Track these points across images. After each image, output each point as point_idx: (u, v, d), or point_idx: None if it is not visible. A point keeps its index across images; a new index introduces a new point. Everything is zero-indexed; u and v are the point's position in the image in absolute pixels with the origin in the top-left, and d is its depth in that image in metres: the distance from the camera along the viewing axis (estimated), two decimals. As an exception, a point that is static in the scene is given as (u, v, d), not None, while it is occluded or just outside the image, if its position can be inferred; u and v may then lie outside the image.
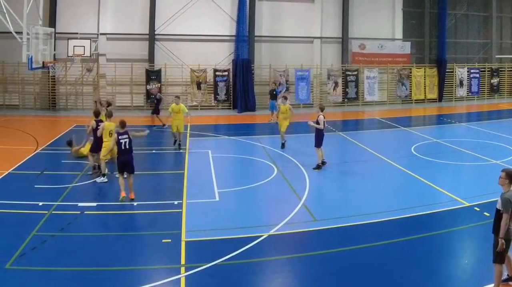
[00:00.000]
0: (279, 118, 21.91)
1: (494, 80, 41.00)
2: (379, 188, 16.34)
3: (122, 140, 14.44)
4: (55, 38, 30.11)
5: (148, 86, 32.56)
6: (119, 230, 12.63)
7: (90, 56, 31.49)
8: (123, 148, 14.47)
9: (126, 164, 14.58)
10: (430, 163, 19.38)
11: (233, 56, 34.04)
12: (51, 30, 28.84)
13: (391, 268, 10.42)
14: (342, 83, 36.19)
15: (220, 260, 10.54)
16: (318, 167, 18.29)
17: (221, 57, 34.23)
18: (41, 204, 13.90)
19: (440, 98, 38.96)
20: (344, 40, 36.77)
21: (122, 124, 14.68)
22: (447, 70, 39.03)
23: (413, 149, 21.61)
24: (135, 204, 14.17)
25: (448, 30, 39.47)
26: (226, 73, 33.91)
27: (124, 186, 14.44)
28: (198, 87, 33.70)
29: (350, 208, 14.19)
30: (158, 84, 32.77)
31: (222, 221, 13.12)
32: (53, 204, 13.99)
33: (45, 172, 17.42)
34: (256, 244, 11.52)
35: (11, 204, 13.79)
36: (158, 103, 27.96)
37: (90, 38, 31.65)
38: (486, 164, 18.92)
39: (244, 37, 33.68)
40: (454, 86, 39.67)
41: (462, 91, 39.89)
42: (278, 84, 33.41)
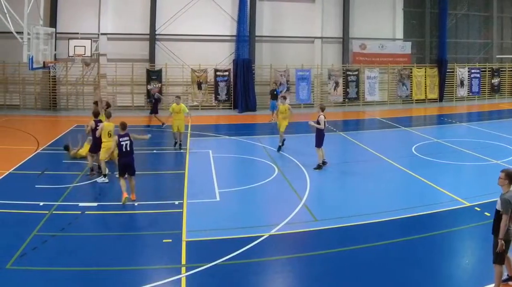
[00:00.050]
0: (278, 118, 21.62)
1: (495, 80, 41.00)
2: (380, 188, 16.34)
3: (123, 142, 14.30)
4: (56, 38, 30.13)
5: (149, 86, 32.55)
6: (120, 230, 12.63)
7: (91, 56, 31.49)
8: (124, 150, 14.33)
9: (127, 166, 14.46)
10: (430, 163, 19.37)
11: (233, 56, 34.05)
12: (52, 30, 28.85)
13: (392, 268, 10.42)
14: (342, 83, 36.20)
15: (220, 260, 10.54)
16: (319, 167, 18.29)
17: (221, 57, 34.23)
18: (41, 204, 13.90)
19: (440, 98, 38.97)
20: (344, 40, 36.77)
21: (122, 126, 14.53)
22: (448, 70, 39.02)
23: (413, 149, 21.61)
24: (136, 204, 14.17)
25: (448, 30, 39.45)
26: (226, 73, 33.91)
27: (125, 187, 14.32)
28: (199, 87, 33.71)
29: (351, 208, 14.19)
30: (159, 84, 32.78)
31: (223, 221, 13.12)
32: (53, 204, 13.99)
33: (45, 172, 17.42)
34: (256, 244, 11.51)
35: (12, 204, 13.79)
36: (156, 103, 27.84)
37: (90, 38, 31.64)
38: (486, 164, 18.91)
39: (244, 37, 33.68)
40: (454, 86, 39.67)
41: (463, 91, 39.89)
42: (278, 84, 33.45)
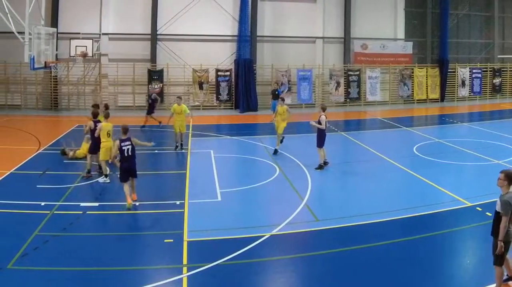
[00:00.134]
0: (277, 120, 20.97)
1: (496, 80, 40.98)
2: (381, 188, 16.34)
3: (124, 147, 14.06)
4: (57, 38, 30.16)
5: (150, 86, 32.55)
6: (121, 230, 12.64)
7: (92, 56, 31.50)
8: (126, 154, 14.09)
9: (130, 170, 14.22)
10: (432, 162, 19.36)
11: (235, 56, 34.05)
12: (53, 30, 28.90)
13: (393, 268, 10.42)
14: (344, 83, 36.19)
15: (222, 260, 10.55)
16: (320, 167, 18.28)
17: (223, 57, 34.24)
18: (43, 204, 13.91)
19: (442, 98, 38.96)
20: (346, 40, 36.77)
21: (124, 130, 14.29)
22: (449, 70, 39.00)
23: (415, 149, 21.60)
24: (137, 204, 14.17)
25: (450, 30, 39.46)
26: (228, 73, 33.91)
27: (129, 193, 14.10)
28: (200, 87, 33.72)
29: (352, 208, 14.20)
30: (161, 84, 32.79)
31: (224, 221, 13.13)
32: (55, 204, 14.01)
33: (47, 172, 17.43)
34: (258, 244, 11.51)
35: (13, 204, 13.80)
36: (153, 104, 27.37)
37: (92, 38, 31.62)
38: (488, 164, 18.90)
39: (246, 37, 33.68)
40: (456, 86, 39.66)
41: (464, 91, 39.88)
42: (280, 84, 33.50)
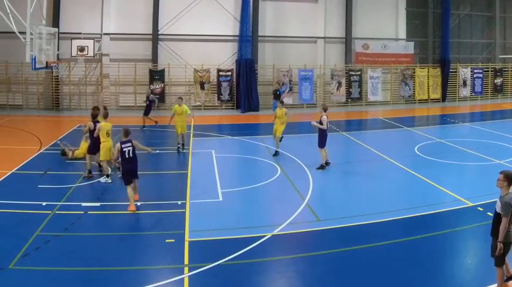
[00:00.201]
0: (276, 123, 20.56)
1: (498, 80, 40.94)
2: (383, 188, 16.33)
3: (125, 148, 13.93)
4: (59, 38, 30.13)
5: (151, 86, 32.54)
6: (123, 230, 12.64)
7: (93, 56, 31.52)
8: (127, 156, 13.94)
9: (132, 172, 14.08)
10: (433, 162, 19.35)
11: (236, 56, 34.07)
12: (55, 30, 28.90)
13: (395, 268, 10.41)
14: (345, 83, 36.17)
15: (223, 260, 10.55)
16: (322, 167, 18.28)
17: (224, 57, 34.24)
18: (44, 204, 13.92)
19: (443, 98, 38.94)
20: (347, 40, 36.76)
21: (125, 133, 14.19)
22: (451, 70, 38.98)
23: (416, 149, 21.59)
24: (139, 204, 14.15)
25: (451, 30, 39.45)
26: (229, 73, 33.93)
27: (133, 198, 13.98)
28: (202, 87, 33.72)
29: (354, 208, 14.19)
30: (162, 84, 32.82)
31: (226, 221, 13.13)
32: (56, 204, 14.02)
33: (48, 172, 17.44)
34: (259, 244, 11.52)
35: (15, 204, 13.81)
36: (150, 105, 27.16)
37: (93, 38, 31.65)
38: (489, 164, 18.88)
39: (247, 37, 33.68)
40: (457, 86, 39.62)
41: (466, 91, 39.84)
42: (281, 84, 33.52)
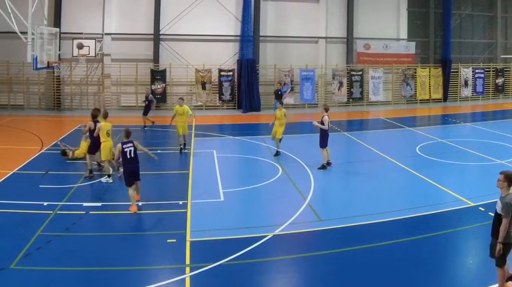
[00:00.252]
0: (275, 124, 20.27)
1: (499, 80, 40.90)
2: (384, 188, 16.33)
3: (126, 149, 13.88)
4: (60, 38, 30.14)
5: (152, 86, 32.57)
6: (124, 230, 12.64)
7: (95, 56, 31.54)
8: (129, 156, 13.90)
9: (134, 173, 14.01)
10: (435, 162, 19.34)
11: (238, 56, 34.06)
12: (56, 30, 28.88)
13: (396, 268, 10.40)
14: (347, 83, 36.15)
15: (225, 260, 10.55)
16: (323, 167, 18.27)
17: (226, 57, 34.23)
18: (46, 204, 13.93)
19: (445, 98, 38.90)
20: (349, 40, 36.74)
21: (127, 134, 14.16)
22: (452, 70, 38.94)
23: (418, 149, 21.57)
24: (140, 204, 14.15)
25: (453, 30, 39.40)
26: (231, 73, 33.93)
27: (135, 199, 13.96)
28: (203, 87, 33.71)
29: (355, 208, 14.19)
30: (163, 84, 32.83)
31: (227, 221, 13.14)
32: (58, 204, 14.03)
33: (50, 172, 17.46)
34: (261, 244, 11.52)
35: (16, 204, 13.82)
36: (149, 105, 27.12)
37: (95, 38, 31.69)
38: (491, 164, 18.86)
39: (249, 37, 33.67)
40: (459, 86, 39.58)
41: (467, 91, 39.80)
42: (283, 84, 33.47)
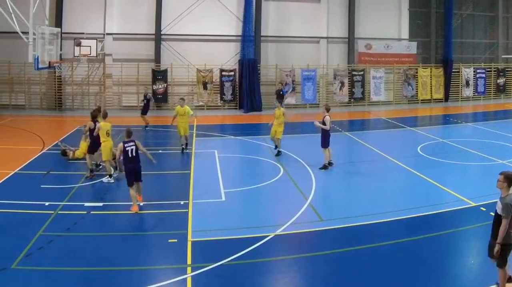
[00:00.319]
0: (274, 124, 20.17)
1: (500, 80, 40.85)
2: (386, 188, 16.32)
3: (128, 148, 13.86)
4: (61, 38, 30.20)
5: (154, 86, 32.60)
6: (125, 230, 12.65)
7: (96, 56, 31.55)
8: (130, 155, 13.87)
9: (135, 173, 13.94)
10: (436, 162, 19.32)
11: (239, 56, 34.04)
12: (57, 30, 28.92)
13: (397, 268, 10.40)
14: (348, 83, 36.14)
15: (226, 260, 10.55)
16: (325, 167, 18.26)
17: (227, 57, 34.23)
18: (47, 204, 13.94)
19: (446, 98, 38.87)
20: (350, 40, 36.72)
21: (128, 133, 14.16)
22: (453, 70, 38.92)
23: (419, 149, 21.56)
24: (142, 204, 14.15)
25: (454, 30, 39.36)
26: (232, 73, 33.92)
27: (136, 199, 13.92)
28: (204, 87, 33.71)
29: (357, 208, 14.18)
30: (165, 84, 32.84)
31: (228, 221, 13.14)
32: (59, 204, 14.03)
33: (51, 172, 17.47)
34: (262, 244, 11.51)
35: (17, 204, 13.83)
36: (148, 104, 27.01)
37: (96, 38, 31.70)
38: (492, 164, 18.83)
39: (250, 37, 33.67)
40: (460, 86, 39.55)
41: (468, 91, 39.77)
42: (284, 84, 33.47)
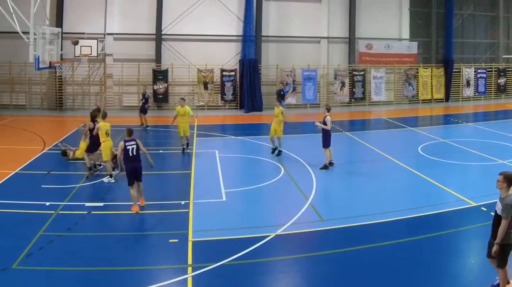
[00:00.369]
0: (273, 123, 20.18)
1: (501, 80, 40.85)
2: (386, 188, 16.32)
3: (129, 146, 13.80)
4: (62, 38, 30.20)
5: (155, 86, 32.62)
6: (126, 230, 12.66)
7: (97, 56, 31.55)
8: (131, 154, 13.80)
9: (136, 172, 13.86)
10: (437, 162, 19.32)
11: (240, 56, 34.05)
12: (58, 30, 28.93)
13: (398, 268, 10.40)
14: (349, 83, 36.14)
15: (227, 260, 10.55)
16: (325, 167, 18.25)
17: (228, 57, 34.24)
18: (48, 204, 13.95)
19: (447, 98, 38.86)
20: (351, 40, 36.73)
21: (129, 132, 14.14)
22: (454, 70, 38.90)
23: (420, 149, 21.55)
24: (144, 205, 14.09)
25: (455, 30, 39.33)
26: (233, 73, 33.92)
27: (137, 199, 13.88)
28: (205, 87, 33.71)
29: (357, 208, 14.18)
30: (165, 84, 32.85)
31: (229, 221, 13.14)
32: (60, 204, 14.04)
33: (52, 172, 17.48)
34: (263, 244, 11.51)
35: (18, 204, 13.83)
36: (146, 102, 26.98)
37: (97, 38, 31.71)
38: (493, 164, 18.82)
39: (251, 37, 33.68)
40: (461, 86, 39.55)
41: (469, 91, 39.77)
42: (285, 84, 33.45)
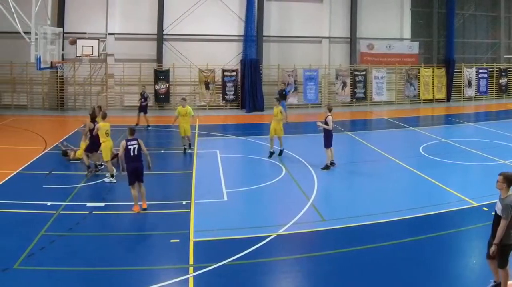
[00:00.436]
0: (272, 122, 20.10)
1: (503, 80, 40.80)
2: (388, 188, 16.32)
3: (130, 146, 13.72)
4: (63, 38, 30.23)
5: (156, 86, 32.64)
6: (127, 230, 12.67)
7: (98, 56, 31.53)
8: (132, 154, 13.70)
9: (137, 172, 13.72)
10: (438, 162, 19.30)
11: (241, 56, 34.05)
12: (60, 30, 28.99)
13: (399, 268, 10.40)
14: (350, 83, 36.13)
15: (228, 260, 10.56)
16: (327, 167, 18.25)
17: (229, 57, 34.24)
18: (49, 204, 13.96)
19: (448, 98, 38.83)
20: (352, 40, 36.71)
21: (130, 132, 14.07)
22: (456, 70, 38.86)
23: (421, 149, 21.54)
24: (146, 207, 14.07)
25: (456, 30, 39.30)
26: (234, 73, 33.91)
27: (138, 199, 13.80)
28: (207, 87, 33.72)
29: (359, 208, 14.17)
30: (167, 84, 32.86)
31: (230, 221, 13.14)
32: (61, 204, 14.05)
33: (53, 172, 17.48)
34: (264, 244, 11.51)
35: (20, 204, 13.84)
36: (145, 101, 26.77)
37: (98, 38, 31.67)
38: (494, 164, 18.80)
39: (252, 37, 33.66)
40: (462, 86, 39.52)
41: (471, 91, 39.73)
42: (286, 84, 33.44)
